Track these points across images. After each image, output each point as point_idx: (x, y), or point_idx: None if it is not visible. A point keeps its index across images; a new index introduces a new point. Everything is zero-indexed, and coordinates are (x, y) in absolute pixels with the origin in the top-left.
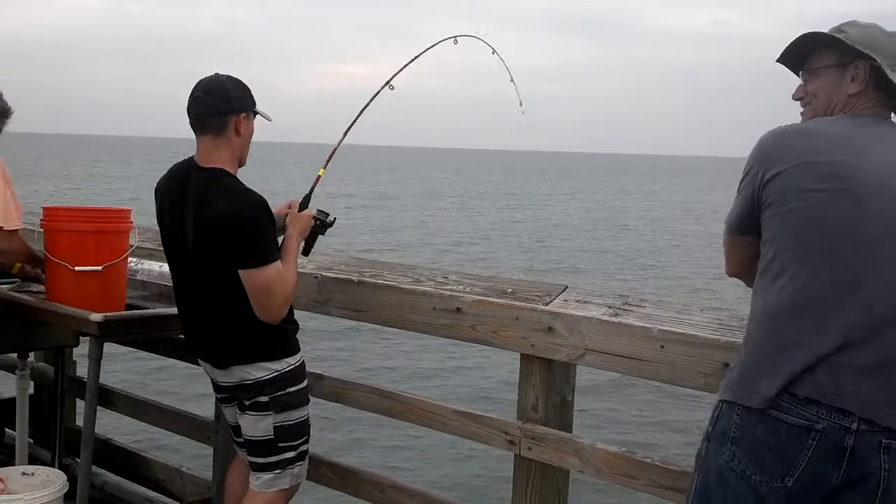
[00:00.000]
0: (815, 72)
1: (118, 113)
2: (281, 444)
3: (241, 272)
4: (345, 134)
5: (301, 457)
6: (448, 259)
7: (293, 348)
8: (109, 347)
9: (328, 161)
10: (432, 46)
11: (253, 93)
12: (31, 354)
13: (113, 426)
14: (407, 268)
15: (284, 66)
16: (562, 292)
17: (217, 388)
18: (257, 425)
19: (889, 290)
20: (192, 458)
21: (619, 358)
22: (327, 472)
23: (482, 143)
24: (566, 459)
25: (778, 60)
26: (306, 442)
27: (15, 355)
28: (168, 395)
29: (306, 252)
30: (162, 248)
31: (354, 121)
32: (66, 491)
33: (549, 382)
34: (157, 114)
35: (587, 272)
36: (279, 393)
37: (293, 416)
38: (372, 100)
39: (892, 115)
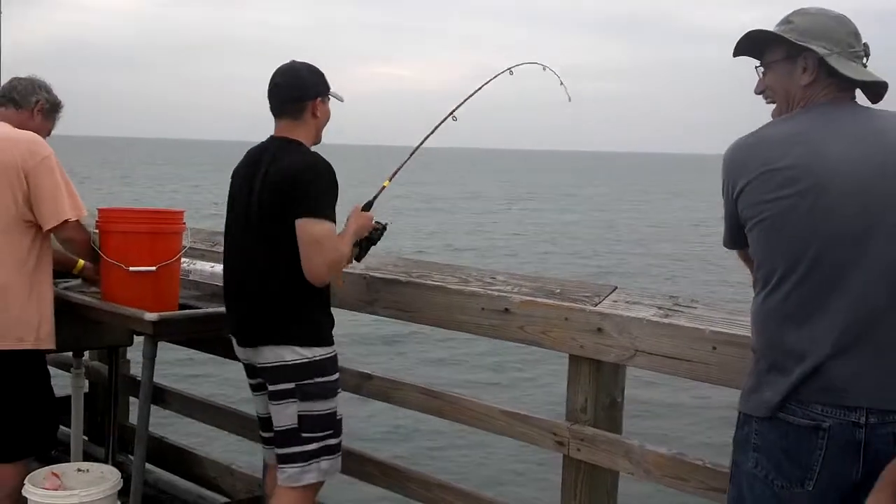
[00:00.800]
0: (769, 66)
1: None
2: (305, 435)
3: (297, 222)
4: (410, 155)
5: (328, 451)
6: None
7: (326, 340)
8: (162, 346)
9: (394, 175)
10: (490, 80)
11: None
12: (86, 353)
13: (164, 423)
14: (455, 268)
15: (326, 69)
16: (611, 293)
17: (249, 371)
18: (284, 412)
19: (872, 283)
20: (243, 455)
21: (669, 359)
22: (373, 470)
23: (520, 144)
24: (616, 461)
25: (735, 55)
26: (334, 437)
27: (70, 354)
28: (218, 395)
29: (359, 258)
30: (214, 250)
31: (420, 145)
32: (120, 487)
33: (599, 383)
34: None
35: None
36: (306, 381)
37: (318, 406)
38: (436, 128)
39: (856, 94)
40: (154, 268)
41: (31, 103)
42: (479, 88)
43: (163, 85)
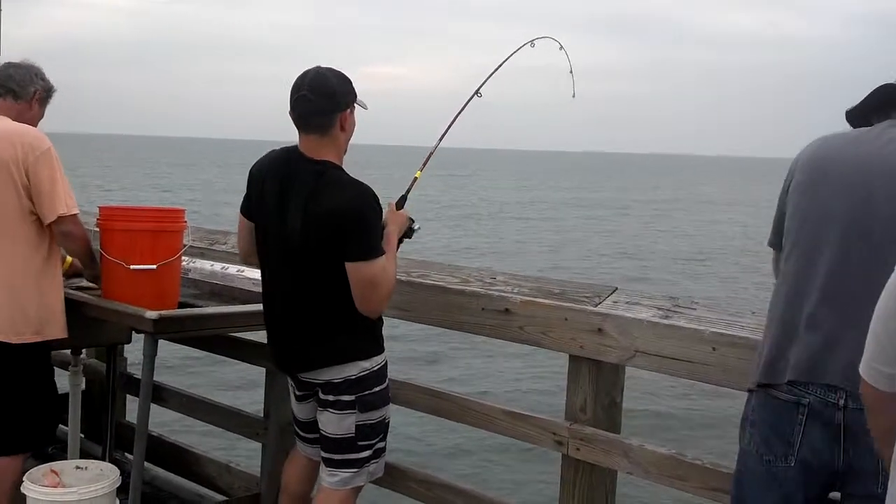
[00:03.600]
0: None
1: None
2: (361, 443)
3: (348, 265)
4: (439, 141)
5: (377, 454)
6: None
7: (381, 346)
8: (161, 344)
9: (424, 164)
10: (514, 53)
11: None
12: (84, 351)
13: (160, 421)
14: (455, 268)
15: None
16: (611, 294)
17: (300, 385)
18: (340, 423)
19: (837, 263)
20: (238, 453)
21: (669, 360)
22: None
23: (527, 145)
24: (615, 460)
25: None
26: (383, 440)
27: (68, 352)
28: (216, 393)
29: None
30: (213, 248)
31: (448, 128)
32: (119, 484)
33: (598, 384)
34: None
35: None
36: (365, 392)
37: (375, 415)
38: (464, 108)
39: None
40: (155, 266)
41: (30, 94)
42: (502, 63)
43: (161, 82)
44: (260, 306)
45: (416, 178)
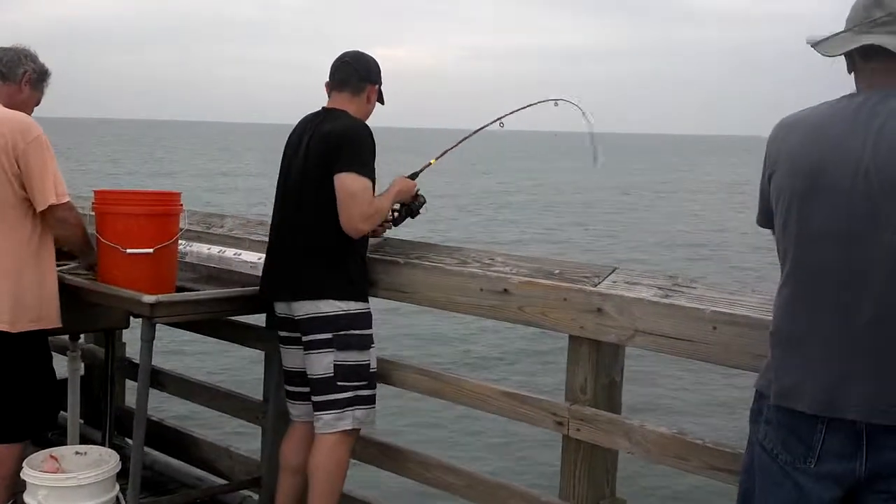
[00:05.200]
0: None
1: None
2: (340, 383)
3: (335, 177)
4: (459, 142)
5: (362, 401)
6: None
7: (361, 295)
8: (163, 329)
9: (442, 155)
10: (534, 104)
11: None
12: (82, 336)
13: (159, 406)
14: (452, 250)
15: (326, 49)
16: (610, 273)
17: (290, 326)
18: (320, 362)
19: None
20: (238, 438)
21: (669, 339)
22: (375, 452)
23: (522, 126)
24: (615, 440)
25: None
26: (368, 388)
27: (66, 337)
28: (215, 376)
29: (396, 222)
30: (210, 232)
31: (458, 144)
32: (118, 470)
33: (598, 364)
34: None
35: None
36: (342, 332)
37: (353, 357)
38: (477, 132)
39: None
40: (151, 250)
41: (19, 75)
42: (521, 108)
43: (159, 65)
44: (257, 289)
45: (430, 163)
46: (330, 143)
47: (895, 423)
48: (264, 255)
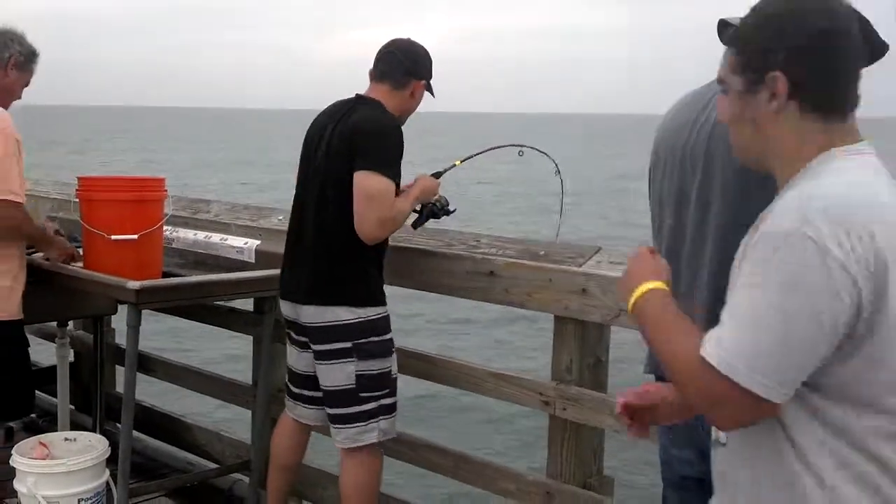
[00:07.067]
0: None
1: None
2: (363, 395)
3: (354, 175)
4: (485, 150)
5: (385, 410)
6: None
7: (379, 301)
8: (147, 316)
9: (468, 158)
10: (500, 147)
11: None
12: (71, 323)
13: (149, 392)
14: (437, 232)
15: (312, 32)
16: (595, 254)
17: (297, 329)
18: (339, 373)
19: None
20: (230, 421)
21: None
22: None
23: (513, 108)
24: (602, 419)
25: None
26: (390, 396)
27: (55, 324)
28: (203, 361)
29: (416, 225)
30: (196, 217)
31: (472, 156)
32: (108, 455)
33: (584, 343)
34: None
35: None
36: (362, 340)
37: (375, 365)
38: (486, 151)
39: None
40: (136, 236)
41: (4, 59)
42: (486, 151)
43: (143, 52)
44: (244, 274)
45: (454, 164)
46: (352, 136)
47: None
48: (274, 248)
